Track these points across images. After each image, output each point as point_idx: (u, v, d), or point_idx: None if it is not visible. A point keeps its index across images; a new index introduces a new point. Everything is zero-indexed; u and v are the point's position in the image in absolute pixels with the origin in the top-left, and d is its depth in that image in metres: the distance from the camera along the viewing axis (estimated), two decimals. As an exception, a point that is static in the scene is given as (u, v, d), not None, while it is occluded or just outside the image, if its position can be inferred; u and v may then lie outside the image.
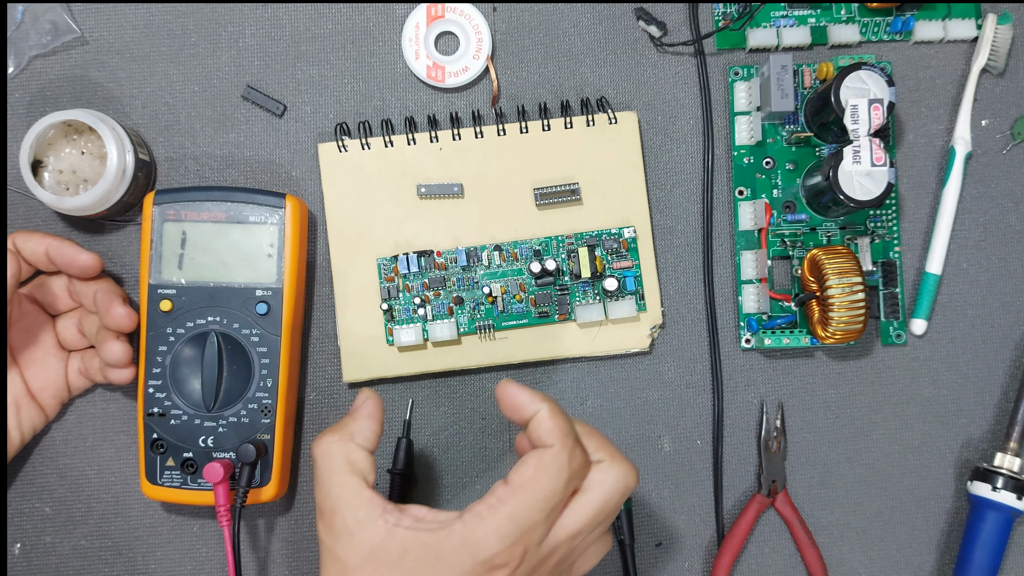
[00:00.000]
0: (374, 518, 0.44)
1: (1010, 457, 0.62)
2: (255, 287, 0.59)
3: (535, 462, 0.44)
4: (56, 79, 0.63)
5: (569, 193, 0.61)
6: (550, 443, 0.44)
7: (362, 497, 0.45)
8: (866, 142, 0.57)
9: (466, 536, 0.43)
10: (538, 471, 0.44)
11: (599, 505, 0.45)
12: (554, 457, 0.44)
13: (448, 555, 0.43)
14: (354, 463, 0.46)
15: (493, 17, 0.64)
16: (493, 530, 0.43)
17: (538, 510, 0.43)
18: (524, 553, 0.43)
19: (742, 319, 0.63)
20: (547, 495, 0.43)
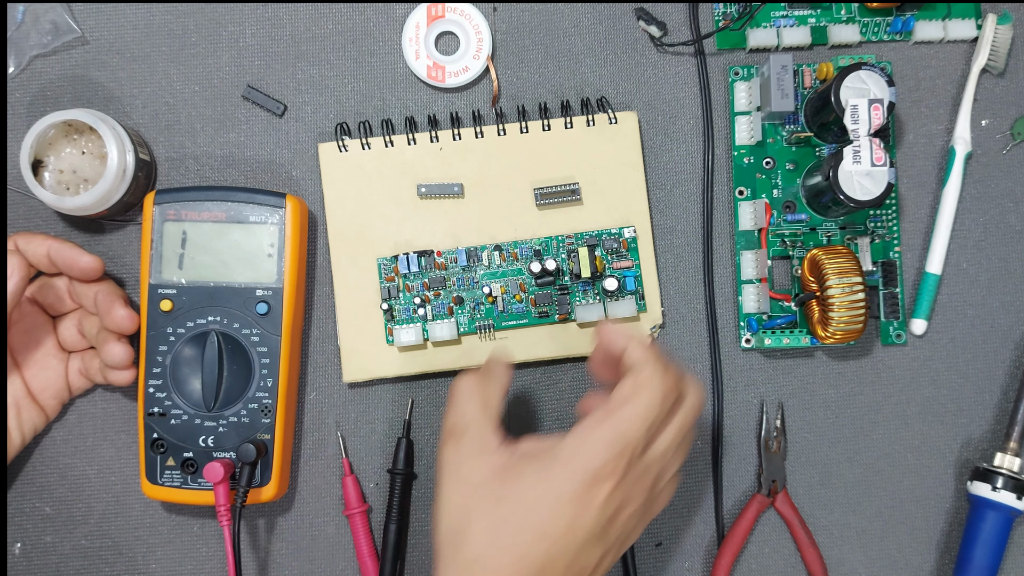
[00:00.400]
0: (496, 447, 0.49)
1: (1010, 457, 0.62)
2: (255, 287, 0.59)
3: (632, 381, 0.48)
4: (56, 79, 0.63)
5: (569, 193, 0.61)
6: (642, 364, 0.49)
7: (487, 428, 0.50)
8: (866, 142, 0.57)
9: (573, 451, 0.47)
10: (635, 389, 0.48)
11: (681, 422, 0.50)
12: (649, 375, 0.48)
13: (559, 470, 0.47)
14: (488, 400, 0.51)
15: (493, 17, 0.64)
16: (598, 442, 0.46)
17: (639, 424, 0.47)
18: (628, 465, 0.47)
19: (742, 319, 0.63)
20: (646, 409, 0.47)
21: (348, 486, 0.62)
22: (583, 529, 0.47)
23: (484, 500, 0.47)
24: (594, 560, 0.48)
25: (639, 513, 0.49)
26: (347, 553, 0.63)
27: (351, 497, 0.62)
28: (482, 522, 0.47)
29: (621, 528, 0.48)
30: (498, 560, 0.46)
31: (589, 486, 0.46)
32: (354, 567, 0.63)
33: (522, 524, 0.46)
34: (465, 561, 0.47)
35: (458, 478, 0.49)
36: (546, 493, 0.46)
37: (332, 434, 0.63)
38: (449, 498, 0.49)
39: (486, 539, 0.47)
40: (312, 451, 0.63)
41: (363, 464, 0.63)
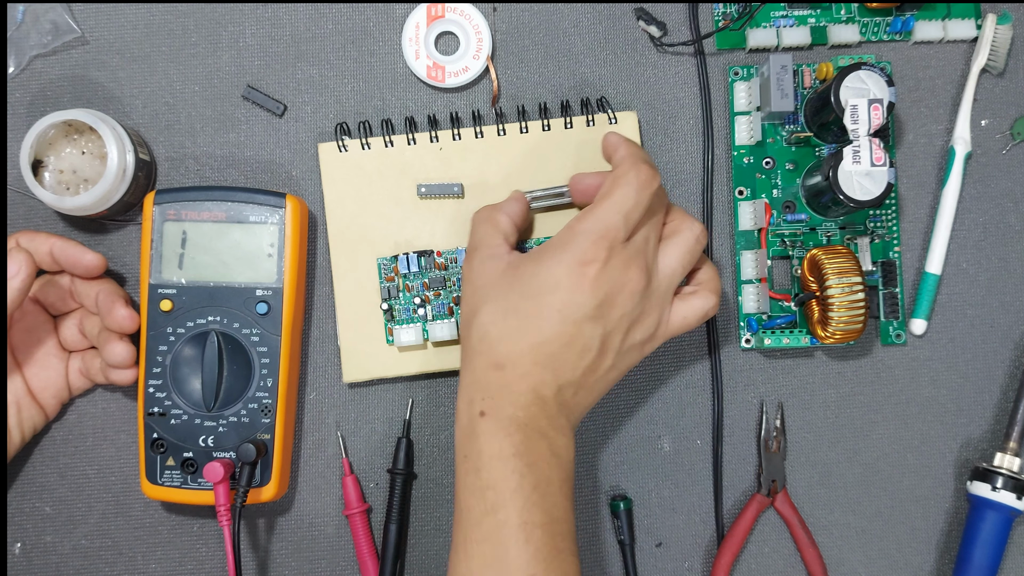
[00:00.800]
0: (502, 253, 0.55)
1: (1010, 457, 0.62)
2: (255, 287, 0.59)
3: (610, 178, 0.54)
4: (57, 79, 0.63)
5: (558, 196, 0.61)
6: (620, 163, 0.54)
7: (496, 240, 0.56)
8: (866, 142, 0.57)
9: (560, 241, 0.53)
10: (611, 184, 0.53)
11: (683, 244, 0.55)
12: (624, 171, 0.53)
13: (547, 260, 0.52)
14: (497, 222, 0.57)
15: (493, 17, 0.64)
16: (580, 231, 0.52)
17: (615, 212, 0.52)
18: (609, 249, 0.52)
19: (742, 319, 0.63)
20: (620, 199, 0.52)
21: (348, 486, 0.62)
22: (577, 307, 0.51)
23: (490, 291, 0.53)
24: (596, 340, 0.52)
25: (637, 299, 0.53)
26: (347, 553, 0.63)
27: (351, 497, 0.62)
28: (487, 308, 0.53)
29: (620, 312, 0.53)
30: (501, 336, 0.52)
31: (576, 268, 0.51)
32: (354, 567, 0.63)
33: (520, 305, 0.52)
34: (475, 341, 0.53)
35: (471, 282, 0.55)
36: (539, 278, 0.52)
37: (332, 434, 0.63)
38: (465, 300, 0.55)
39: (490, 319, 0.53)
40: (312, 451, 0.63)
41: (363, 464, 0.63)
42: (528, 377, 0.52)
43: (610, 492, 0.64)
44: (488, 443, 0.51)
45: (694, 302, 0.56)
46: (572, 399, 0.53)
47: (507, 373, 0.52)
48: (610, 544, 0.64)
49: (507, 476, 0.50)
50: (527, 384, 0.51)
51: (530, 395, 0.51)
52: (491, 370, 0.52)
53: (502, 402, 0.51)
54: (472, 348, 0.53)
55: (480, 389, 0.52)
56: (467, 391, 0.53)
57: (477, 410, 0.52)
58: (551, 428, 0.52)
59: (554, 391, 0.52)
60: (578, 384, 0.53)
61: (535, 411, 0.51)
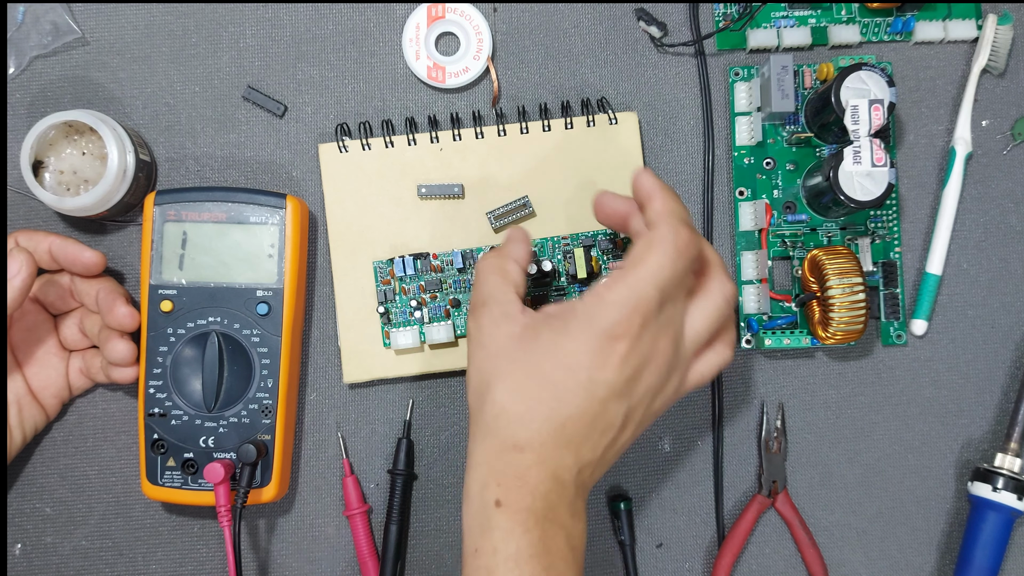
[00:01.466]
0: (515, 313, 0.51)
1: (1010, 457, 0.62)
2: (256, 287, 0.59)
3: (645, 242, 0.49)
4: (57, 79, 0.63)
5: (521, 208, 0.61)
6: (657, 223, 0.49)
7: (508, 296, 0.52)
8: (866, 142, 0.57)
9: (587, 312, 0.48)
10: (648, 247, 0.48)
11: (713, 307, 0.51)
12: (662, 236, 0.48)
13: (572, 331, 0.48)
14: (507, 272, 0.53)
15: (493, 17, 0.64)
16: (611, 302, 0.48)
17: (650, 282, 0.48)
18: (643, 324, 0.48)
19: (742, 319, 0.63)
20: (657, 268, 0.48)
21: (348, 487, 0.62)
22: (603, 385, 0.48)
23: (505, 361, 0.49)
24: (620, 417, 0.49)
25: (664, 371, 0.49)
26: (347, 554, 0.63)
27: (351, 498, 0.62)
28: (504, 381, 0.49)
29: (645, 387, 0.49)
30: (520, 416, 0.48)
31: (605, 343, 0.47)
32: (354, 568, 0.63)
33: (542, 382, 0.48)
34: (489, 419, 0.49)
35: (481, 344, 0.51)
36: (563, 351, 0.48)
37: (332, 435, 0.63)
38: (474, 365, 0.51)
39: (507, 397, 0.48)
40: (312, 452, 0.63)
41: (363, 465, 0.63)
42: (548, 462, 0.48)
43: (610, 492, 0.64)
44: (504, 541, 0.47)
45: (711, 358, 0.53)
46: (590, 478, 0.50)
47: (525, 457, 0.48)
48: (610, 544, 0.64)
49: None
50: (547, 470, 0.48)
51: (550, 482, 0.48)
52: (508, 452, 0.48)
53: (519, 492, 0.47)
54: (486, 425, 0.49)
55: (495, 473, 0.48)
56: (479, 472, 0.49)
57: (492, 498, 0.47)
58: (569, 515, 0.48)
59: (574, 474, 0.48)
60: (597, 462, 0.50)
61: (554, 498, 0.48)
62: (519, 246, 0.55)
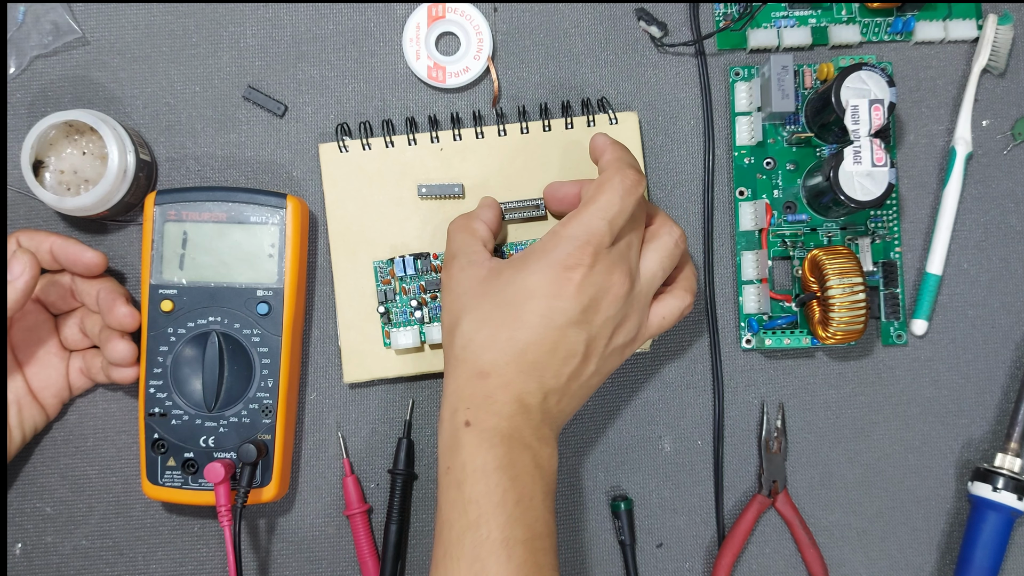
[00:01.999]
0: (482, 260, 0.55)
1: (1011, 458, 0.62)
2: (256, 287, 0.59)
3: (595, 183, 0.53)
4: (57, 79, 0.63)
5: (533, 208, 0.61)
6: (606, 168, 0.54)
7: (475, 247, 0.56)
8: (867, 142, 0.57)
9: (544, 246, 0.52)
10: (598, 189, 0.53)
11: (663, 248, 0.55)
12: (610, 176, 0.53)
13: (530, 265, 0.52)
14: (474, 230, 0.57)
15: (494, 17, 0.64)
16: (564, 236, 0.52)
17: (599, 217, 0.51)
18: (594, 255, 0.51)
19: (743, 319, 0.63)
20: (605, 204, 0.52)
21: (349, 486, 0.62)
22: (561, 313, 0.51)
23: (471, 299, 0.53)
24: (580, 344, 0.52)
25: (621, 303, 0.53)
26: (348, 553, 0.63)
27: (352, 497, 0.62)
28: (469, 316, 0.52)
29: (603, 317, 0.52)
30: (484, 344, 0.51)
31: (560, 272, 0.51)
32: (355, 567, 0.63)
33: (503, 312, 0.51)
34: (457, 349, 0.53)
35: (451, 289, 0.55)
36: (523, 283, 0.52)
37: (333, 434, 0.63)
38: (445, 308, 0.55)
39: (472, 327, 0.52)
40: (313, 451, 0.63)
41: (364, 464, 0.63)
42: (512, 386, 0.51)
43: (611, 492, 0.64)
44: (471, 455, 0.50)
45: (670, 302, 0.56)
46: (556, 407, 0.53)
47: (491, 382, 0.51)
48: (611, 544, 0.64)
49: (490, 490, 0.49)
50: (511, 393, 0.51)
51: (514, 404, 0.51)
52: (474, 379, 0.51)
53: (486, 412, 0.50)
54: (455, 356, 0.53)
55: (463, 399, 0.51)
56: (450, 400, 0.52)
57: (461, 420, 0.51)
58: (535, 438, 0.51)
59: (539, 400, 0.51)
60: (562, 391, 0.52)
61: (519, 421, 0.51)
62: (487, 210, 0.59)
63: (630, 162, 0.54)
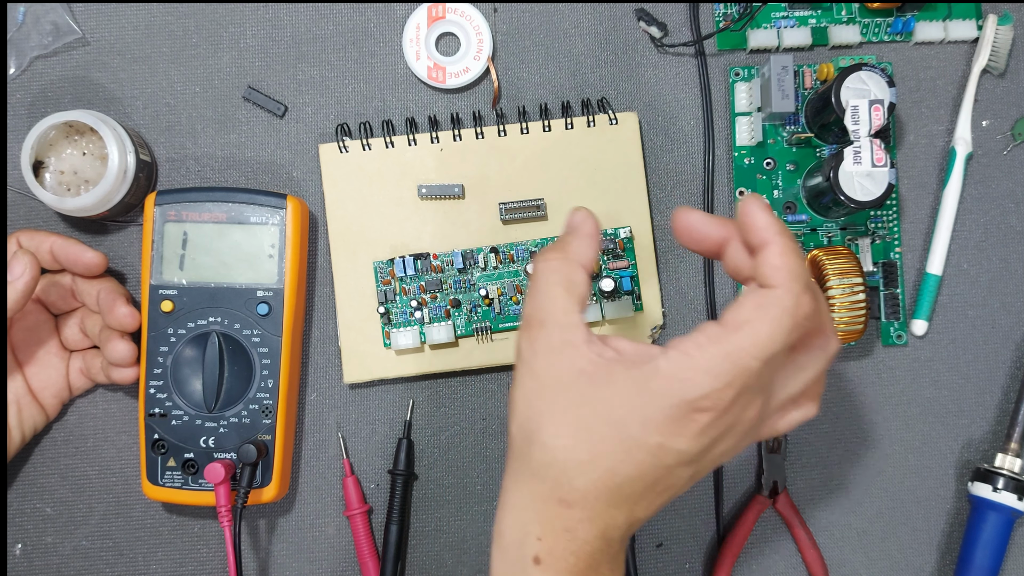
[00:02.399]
0: (580, 342, 0.43)
1: (1011, 458, 0.62)
2: (256, 288, 0.59)
3: (756, 302, 0.41)
4: (57, 80, 0.63)
5: (534, 208, 0.61)
6: (775, 284, 0.41)
7: (573, 319, 0.43)
8: (867, 143, 0.57)
9: (673, 373, 0.41)
10: (758, 312, 0.40)
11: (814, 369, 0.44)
12: (778, 300, 0.40)
13: (656, 387, 0.41)
14: (573, 285, 0.44)
15: (494, 18, 0.64)
16: (705, 369, 0.40)
17: (755, 355, 0.40)
18: (735, 399, 0.40)
19: (743, 320, 0.63)
20: (768, 339, 0.40)
21: (349, 487, 0.62)
22: (674, 453, 0.41)
23: (564, 399, 0.42)
24: (684, 480, 0.43)
25: (743, 437, 0.43)
26: (348, 554, 0.63)
27: (352, 498, 0.62)
28: (560, 426, 0.42)
29: (719, 453, 0.43)
30: (577, 468, 0.41)
31: (686, 413, 0.40)
32: (355, 568, 0.63)
33: (606, 434, 0.41)
34: (538, 463, 0.42)
35: (535, 373, 0.43)
36: (639, 408, 0.41)
37: (333, 435, 0.63)
38: (524, 396, 0.43)
39: (564, 444, 0.42)
40: (313, 452, 0.63)
41: (364, 465, 0.63)
42: (598, 520, 0.42)
43: (611, 493, 0.64)
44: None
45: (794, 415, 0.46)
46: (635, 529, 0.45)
47: (574, 513, 0.42)
48: (611, 545, 0.64)
49: None
50: (596, 529, 0.42)
51: (597, 541, 0.42)
52: (555, 505, 0.42)
53: (563, 550, 0.42)
54: (531, 469, 0.43)
55: (538, 524, 0.42)
56: (520, 519, 0.43)
57: (531, 552, 0.42)
58: (609, 571, 0.44)
59: (623, 532, 0.43)
60: (647, 518, 0.44)
61: (598, 558, 0.43)
62: (587, 245, 0.46)
63: (806, 279, 0.41)
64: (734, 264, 0.44)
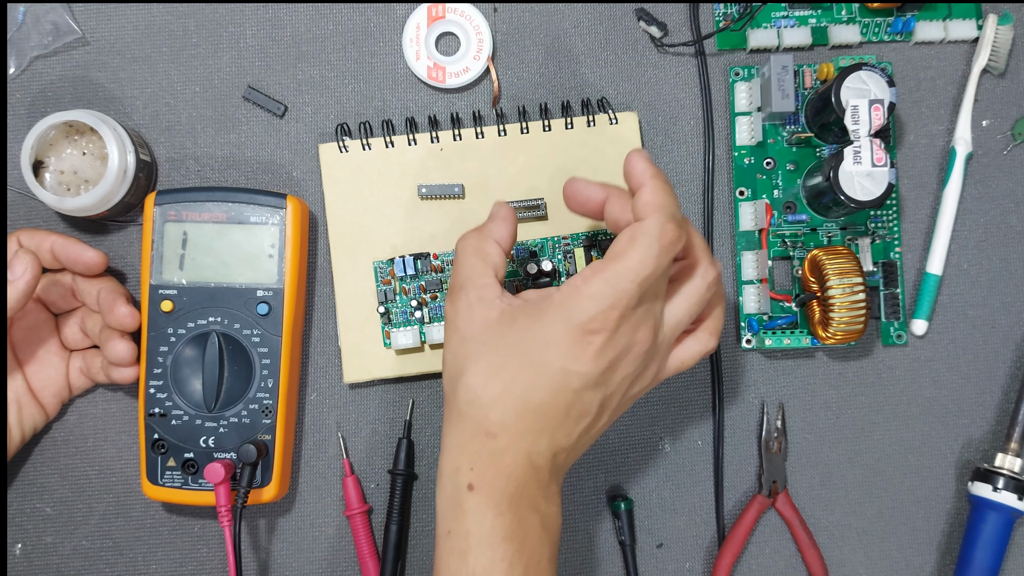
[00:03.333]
0: (492, 297, 0.49)
1: (1011, 458, 0.62)
2: (256, 287, 0.59)
3: (629, 235, 0.47)
4: (57, 80, 0.63)
5: (534, 208, 0.61)
6: (645, 215, 0.47)
7: (486, 280, 0.50)
8: (867, 142, 0.57)
9: (563, 302, 0.47)
10: (631, 243, 0.46)
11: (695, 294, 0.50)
12: (647, 229, 0.46)
13: (548, 320, 0.47)
14: (487, 254, 0.51)
15: (494, 18, 0.64)
16: (588, 295, 0.46)
17: (630, 279, 0.46)
18: (619, 319, 0.46)
19: (743, 319, 0.63)
20: (638, 264, 0.46)
21: (349, 487, 0.62)
22: (577, 376, 0.47)
23: (479, 344, 0.48)
24: (595, 405, 0.48)
25: (641, 360, 0.49)
26: (348, 554, 0.63)
27: (352, 498, 0.62)
28: (477, 366, 0.48)
29: (621, 376, 0.48)
30: (493, 400, 0.47)
31: (580, 336, 0.46)
32: (355, 568, 0.63)
33: (516, 367, 0.47)
34: (462, 403, 0.48)
35: (456, 328, 0.50)
36: (538, 338, 0.47)
37: (333, 435, 0.63)
38: (449, 348, 0.50)
39: (480, 380, 0.48)
40: (313, 452, 0.63)
41: (364, 465, 0.63)
42: (521, 446, 0.47)
43: (611, 492, 0.64)
44: (477, 523, 0.47)
45: (692, 346, 0.52)
46: (564, 462, 0.50)
47: (498, 441, 0.47)
48: (610, 544, 0.64)
49: (495, 563, 0.46)
50: (520, 454, 0.47)
51: (523, 466, 0.47)
52: (480, 437, 0.48)
53: (493, 475, 0.47)
54: (459, 410, 0.49)
55: (468, 457, 0.48)
56: (452, 455, 0.48)
57: (464, 481, 0.47)
58: (543, 498, 0.48)
59: (548, 458, 0.48)
60: (572, 447, 0.49)
61: (527, 483, 0.48)
62: (502, 225, 0.52)
63: (672, 212, 0.47)
64: (613, 217, 0.50)
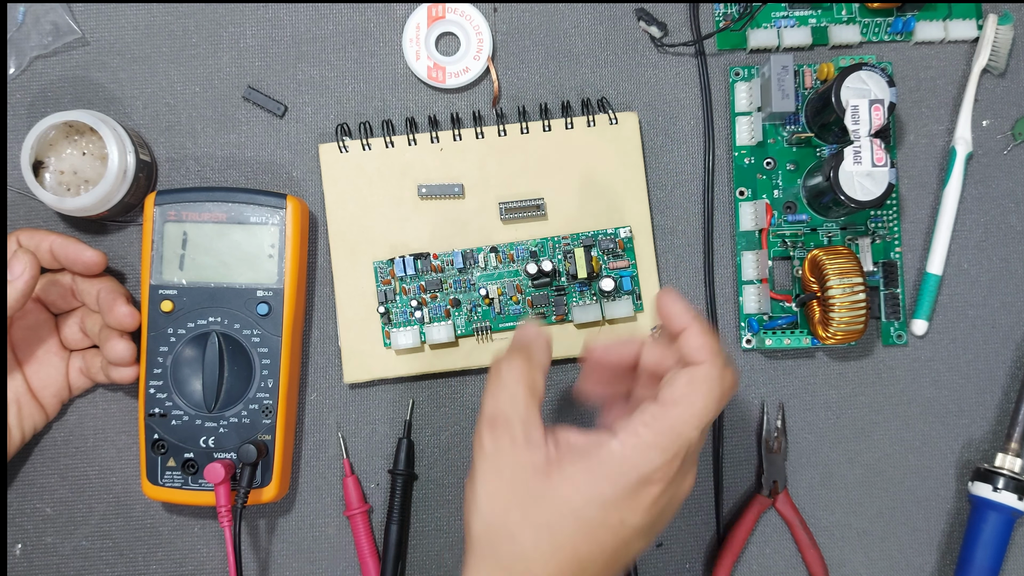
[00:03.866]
0: (539, 440, 0.46)
1: (1011, 458, 0.62)
2: (256, 288, 0.59)
3: (687, 378, 0.45)
4: (57, 80, 0.63)
5: (534, 208, 0.61)
6: (701, 359, 0.46)
7: (533, 419, 0.47)
8: (867, 142, 0.57)
9: (627, 454, 0.45)
10: (691, 387, 0.45)
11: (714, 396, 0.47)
12: (707, 374, 0.45)
13: (608, 472, 0.45)
14: (535, 387, 0.48)
15: (494, 18, 0.64)
16: (654, 444, 0.44)
17: (694, 426, 0.45)
18: (680, 468, 0.45)
19: (743, 319, 0.63)
20: (702, 410, 0.45)
21: (349, 487, 0.62)
22: (631, 527, 0.45)
23: (527, 498, 0.45)
24: (635, 552, 0.47)
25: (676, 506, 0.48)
26: (348, 554, 0.63)
27: (352, 498, 0.62)
28: (526, 521, 0.45)
29: (668, 519, 0.48)
30: (544, 560, 0.45)
31: (639, 488, 0.45)
32: (355, 568, 0.63)
33: (569, 525, 0.45)
34: (507, 559, 0.45)
35: (499, 472, 0.46)
36: (595, 494, 0.45)
37: (333, 435, 0.63)
38: (488, 493, 0.46)
39: (530, 539, 0.45)
40: (313, 452, 0.63)
41: (364, 465, 0.63)
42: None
43: (611, 493, 0.64)
44: None
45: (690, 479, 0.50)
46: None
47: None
48: (611, 545, 0.64)
49: None
50: None
51: None
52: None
53: None
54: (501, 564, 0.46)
55: None
56: None
57: None
58: None
59: None
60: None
61: None
62: (546, 353, 0.50)
63: (726, 357, 0.47)
64: (651, 363, 0.50)
